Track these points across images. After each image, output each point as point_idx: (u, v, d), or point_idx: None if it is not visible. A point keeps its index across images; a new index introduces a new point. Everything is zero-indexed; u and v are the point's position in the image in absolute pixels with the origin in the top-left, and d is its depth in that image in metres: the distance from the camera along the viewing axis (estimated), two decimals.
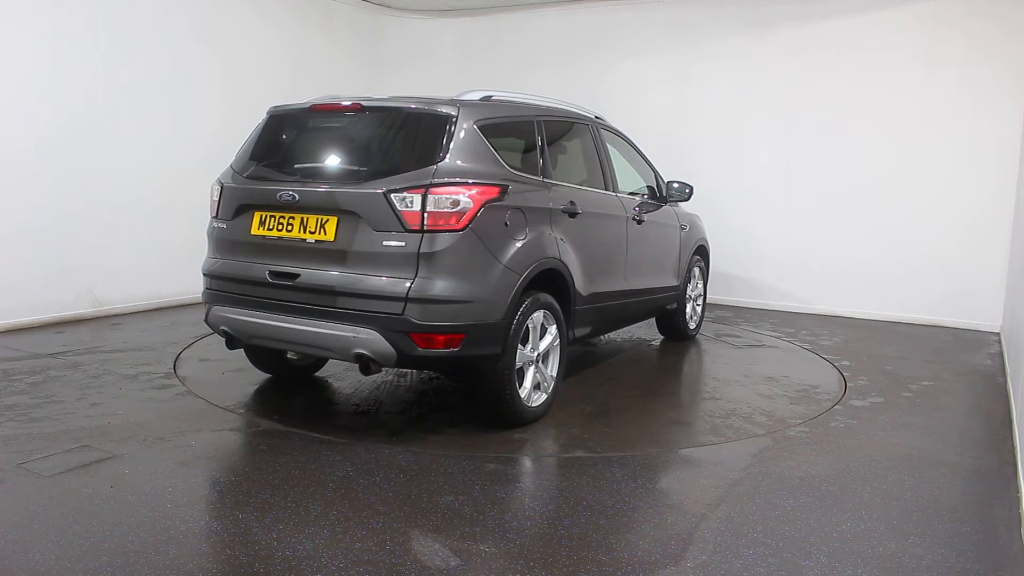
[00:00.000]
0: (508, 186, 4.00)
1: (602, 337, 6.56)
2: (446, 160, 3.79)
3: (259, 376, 5.08)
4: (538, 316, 4.16)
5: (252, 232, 4.07)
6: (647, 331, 6.73)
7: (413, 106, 4.02)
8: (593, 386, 5.06)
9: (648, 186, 5.84)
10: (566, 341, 4.44)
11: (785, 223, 7.97)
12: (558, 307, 4.32)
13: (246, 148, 4.38)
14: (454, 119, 3.92)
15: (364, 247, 3.72)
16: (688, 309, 6.41)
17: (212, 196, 4.31)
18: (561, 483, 3.42)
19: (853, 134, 7.62)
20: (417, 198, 3.65)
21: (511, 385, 3.97)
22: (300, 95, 5.13)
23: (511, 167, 4.17)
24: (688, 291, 6.36)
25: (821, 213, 7.82)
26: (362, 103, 4.08)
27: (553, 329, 4.30)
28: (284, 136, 4.30)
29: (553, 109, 4.91)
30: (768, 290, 8.11)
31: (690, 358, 6.02)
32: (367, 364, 3.78)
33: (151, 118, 6.88)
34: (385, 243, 3.68)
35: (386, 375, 5.08)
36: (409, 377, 5.08)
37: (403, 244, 3.65)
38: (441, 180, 3.70)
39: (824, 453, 3.93)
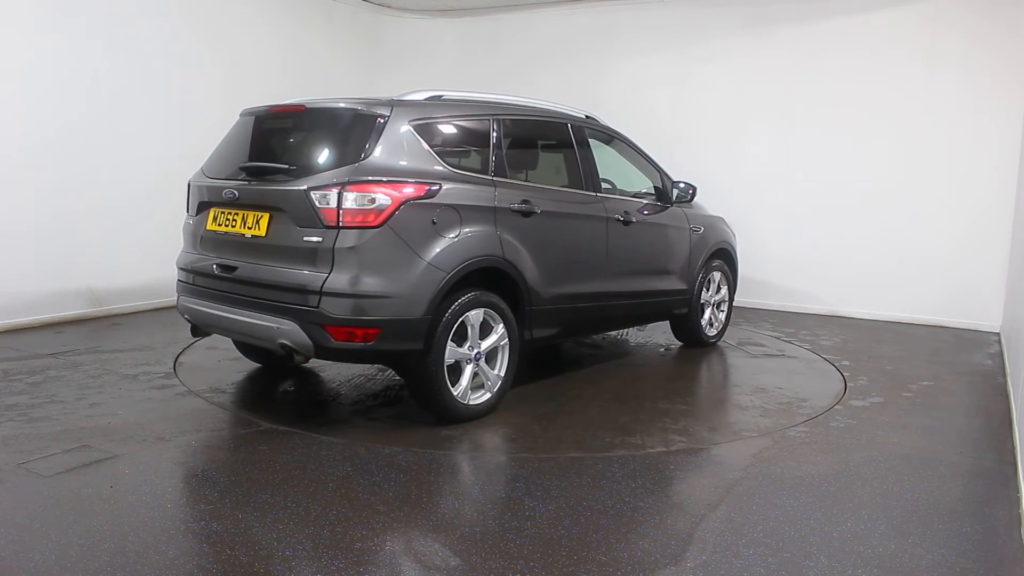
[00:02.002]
0: (438, 185, 4.03)
1: (620, 336, 6.56)
2: (369, 158, 3.89)
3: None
4: (476, 314, 4.16)
5: (207, 227, 4.35)
6: (667, 337, 6.49)
7: (348, 106, 4.14)
8: (564, 388, 4.99)
9: (655, 187, 5.73)
10: (517, 341, 4.40)
11: (785, 223, 7.97)
12: (506, 306, 4.31)
13: (216, 148, 4.62)
14: (384, 118, 4.01)
15: (288, 242, 3.90)
16: (706, 315, 6.17)
17: (185, 194, 4.62)
18: (561, 483, 3.42)
19: (854, 134, 7.61)
20: (334, 195, 3.77)
21: (440, 381, 4.01)
22: (299, 95, 5.15)
23: (451, 166, 4.20)
24: (706, 296, 6.13)
25: (821, 213, 7.82)
26: (306, 104, 4.25)
27: (500, 328, 4.29)
28: (244, 137, 4.48)
29: (517, 108, 4.83)
30: (768, 290, 8.11)
31: (692, 366, 5.86)
32: (291, 354, 3.98)
33: (150, 118, 6.88)
34: (305, 239, 3.83)
35: (371, 370, 5.08)
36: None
37: (320, 240, 3.79)
38: (358, 178, 3.81)
39: (824, 453, 3.92)
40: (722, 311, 6.43)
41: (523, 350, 4.49)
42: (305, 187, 3.84)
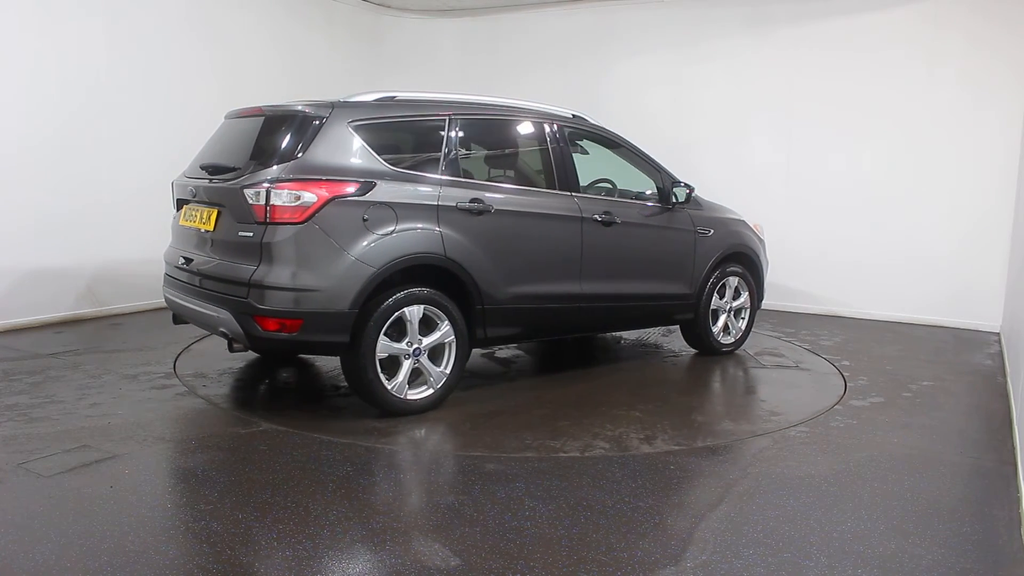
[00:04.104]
0: (372, 183, 4.14)
1: (642, 339, 6.56)
2: (302, 158, 4.07)
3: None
4: (415, 310, 4.21)
5: (180, 223, 4.67)
6: (681, 342, 6.16)
7: (294, 109, 4.31)
8: (533, 387, 4.94)
9: (657, 187, 5.55)
10: (465, 339, 4.42)
11: (785, 222, 7.95)
12: (451, 304, 4.35)
13: (200, 150, 4.83)
14: (322, 119, 4.17)
15: (228, 237, 4.16)
16: (720, 322, 5.90)
17: (171, 192, 4.93)
18: (561, 483, 3.42)
19: (853, 134, 7.61)
20: (263, 192, 3.97)
21: (370, 374, 4.11)
22: (299, 95, 5.17)
23: (393, 165, 4.29)
24: (719, 303, 5.87)
25: (821, 213, 7.81)
26: (263, 108, 4.48)
27: (445, 325, 4.33)
28: (219, 138, 4.73)
29: (481, 108, 4.81)
30: (768, 289, 8.06)
31: (687, 374, 5.54)
32: (230, 342, 4.19)
33: (151, 118, 6.88)
34: (240, 233, 4.07)
35: None
36: None
37: (251, 235, 4.01)
38: (286, 176, 3.99)
39: (824, 453, 3.92)
40: (742, 318, 6.09)
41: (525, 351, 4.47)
42: (240, 185, 4.06)
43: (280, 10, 8.17)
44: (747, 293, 6.09)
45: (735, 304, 6.02)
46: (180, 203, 4.72)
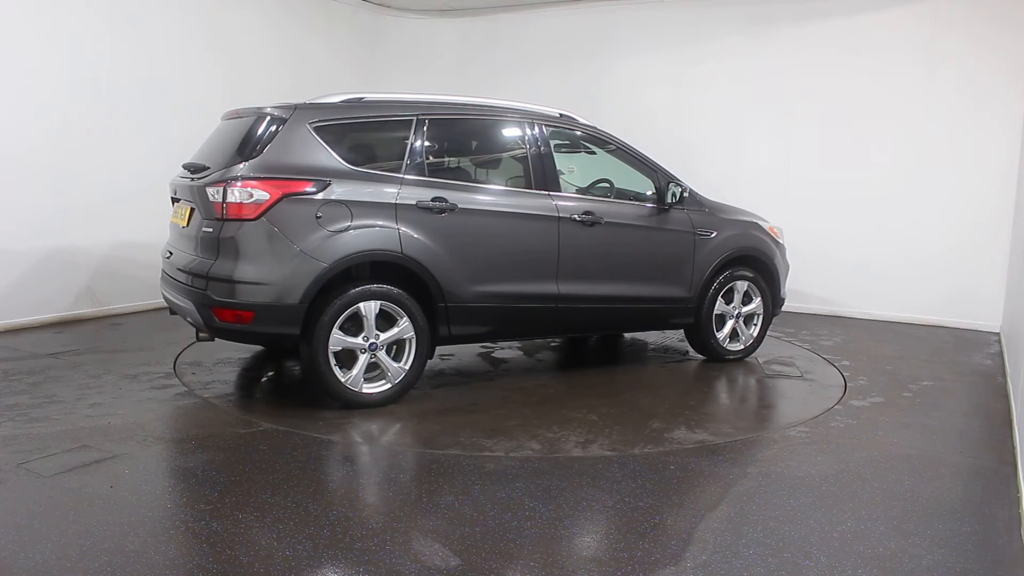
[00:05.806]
0: (327, 181, 4.26)
1: (660, 342, 6.56)
2: (259, 157, 4.23)
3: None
4: (370, 305, 4.30)
5: (171, 220, 4.91)
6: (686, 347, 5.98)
7: (260, 111, 4.48)
8: (503, 388, 4.91)
9: (656, 187, 5.43)
10: (427, 336, 4.48)
11: (785, 223, 7.92)
12: (410, 300, 4.41)
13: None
14: (282, 120, 4.34)
15: (196, 232, 4.35)
16: (727, 327, 5.68)
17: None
18: (561, 483, 3.42)
19: (853, 134, 7.61)
20: (220, 190, 4.16)
21: (323, 367, 4.23)
22: (299, 95, 5.17)
23: (352, 164, 4.40)
24: (725, 307, 5.65)
25: (821, 213, 7.81)
26: (239, 111, 4.69)
27: (404, 322, 4.39)
28: (208, 139, 4.92)
29: (453, 108, 4.83)
30: None
31: (678, 380, 5.30)
32: (197, 332, 4.47)
33: (151, 119, 6.88)
34: (204, 229, 4.27)
35: None
36: None
37: (211, 230, 4.21)
38: (242, 175, 4.16)
39: (824, 453, 3.92)
40: (755, 325, 5.83)
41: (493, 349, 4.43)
42: (204, 183, 4.27)
43: (280, 10, 8.16)
44: (759, 298, 5.81)
45: (745, 310, 5.77)
46: (173, 200, 4.90)
